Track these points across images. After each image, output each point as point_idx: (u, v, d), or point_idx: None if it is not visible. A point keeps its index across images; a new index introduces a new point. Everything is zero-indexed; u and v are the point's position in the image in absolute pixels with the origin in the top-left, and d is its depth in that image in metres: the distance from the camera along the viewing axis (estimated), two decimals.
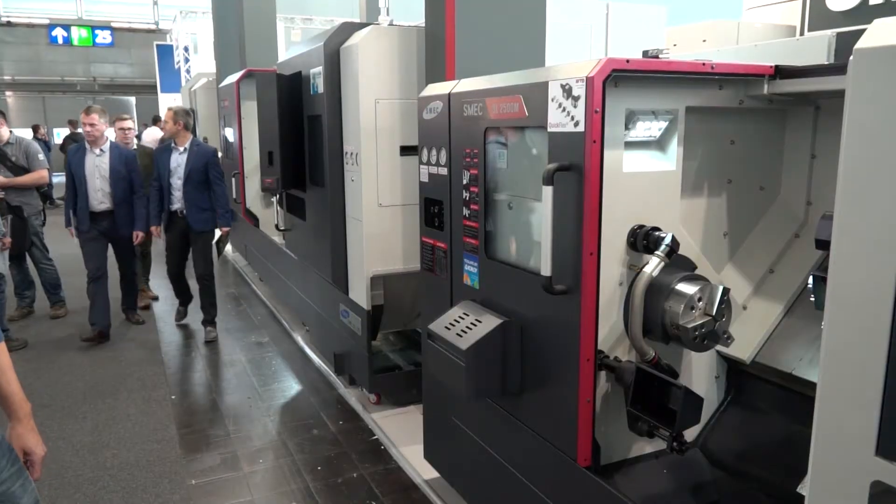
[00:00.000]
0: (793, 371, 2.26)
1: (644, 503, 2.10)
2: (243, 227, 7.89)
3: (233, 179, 7.38)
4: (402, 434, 4.04)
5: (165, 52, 20.39)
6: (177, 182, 5.67)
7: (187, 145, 5.67)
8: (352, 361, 4.60)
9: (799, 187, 2.54)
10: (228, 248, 9.73)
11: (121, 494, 3.46)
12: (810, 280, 2.37)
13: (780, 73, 2.26)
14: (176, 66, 19.19)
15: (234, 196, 7.40)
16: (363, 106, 3.92)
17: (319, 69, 4.28)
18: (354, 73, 3.94)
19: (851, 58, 1.31)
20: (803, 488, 1.49)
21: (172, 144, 5.72)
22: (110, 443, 3.99)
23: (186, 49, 18.34)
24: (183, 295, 6.25)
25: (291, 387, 4.92)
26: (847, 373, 1.34)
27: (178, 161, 5.67)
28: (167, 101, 19.02)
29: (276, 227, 6.03)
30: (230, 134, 7.59)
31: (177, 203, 5.69)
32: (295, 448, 3.94)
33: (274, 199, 6.43)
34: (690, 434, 2.44)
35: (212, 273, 5.89)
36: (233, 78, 7.26)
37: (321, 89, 4.29)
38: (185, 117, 5.66)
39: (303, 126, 4.78)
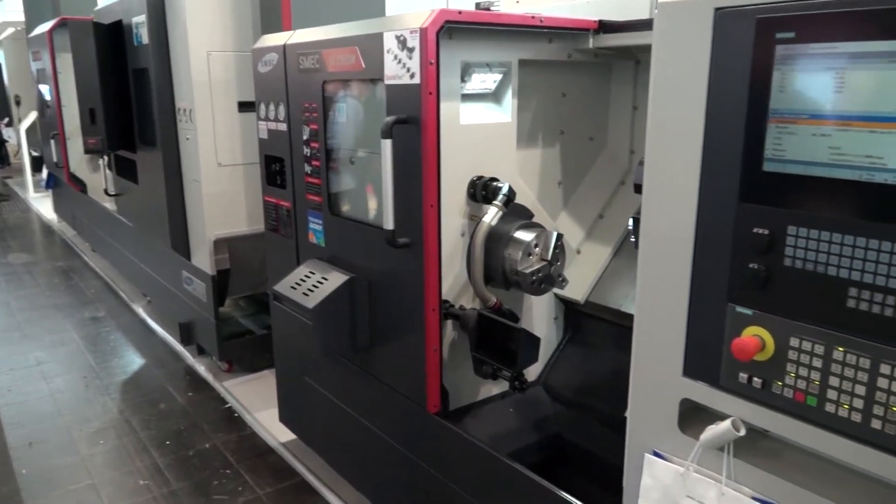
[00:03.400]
0: (620, 307, 2.45)
1: (492, 442, 2.20)
2: (69, 193, 7.20)
3: (52, 141, 6.69)
4: (257, 399, 3.95)
5: None
6: None
7: None
8: (199, 330, 4.39)
9: (623, 137, 2.71)
10: (53, 217, 8.78)
11: None
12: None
13: (604, 27, 2.37)
14: None
15: (56, 160, 6.71)
16: (194, 58, 3.66)
17: (142, 17, 3.93)
18: (182, 22, 3.66)
19: (656, 11, 1.39)
20: (627, 412, 1.63)
21: None
22: None
23: None
24: None
25: (133, 361, 4.62)
26: (657, 303, 1.47)
27: None
28: None
29: (106, 192, 5.55)
30: (46, 91, 6.83)
31: None
32: (140, 425, 3.72)
33: (101, 162, 5.90)
34: (533, 373, 2.59)
35: None
36: (44, 27, 6.49)
37: (145, 40, 3.95)
38: None
39: (128, 80, 4.39)
